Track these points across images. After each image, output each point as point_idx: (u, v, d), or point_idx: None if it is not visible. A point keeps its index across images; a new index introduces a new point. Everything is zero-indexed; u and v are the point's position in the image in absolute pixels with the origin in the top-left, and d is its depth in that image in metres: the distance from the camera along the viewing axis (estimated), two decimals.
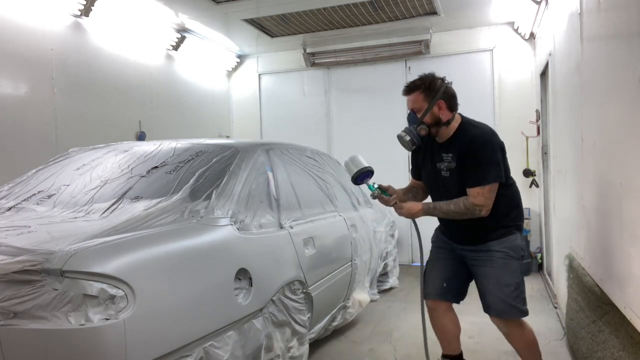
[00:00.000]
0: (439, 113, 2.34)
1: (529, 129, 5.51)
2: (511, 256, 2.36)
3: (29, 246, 1.72)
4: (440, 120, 2.35)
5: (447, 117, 2.36)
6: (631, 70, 1.79)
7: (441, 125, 2.36)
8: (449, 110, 2.37)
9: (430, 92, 2.35)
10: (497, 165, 2.26)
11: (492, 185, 2.25)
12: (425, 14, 5.53)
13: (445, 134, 2.39)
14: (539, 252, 5.68)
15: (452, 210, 2.30)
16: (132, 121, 5.26)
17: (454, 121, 2.39)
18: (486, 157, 2.25)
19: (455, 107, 2.40)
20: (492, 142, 2.29)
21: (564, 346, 3.40)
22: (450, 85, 2.40)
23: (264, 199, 2.73)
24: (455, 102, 2.40)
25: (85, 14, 4.50)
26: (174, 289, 1.89)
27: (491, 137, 2.31)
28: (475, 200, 2.24)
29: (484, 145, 2.26)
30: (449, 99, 2.37)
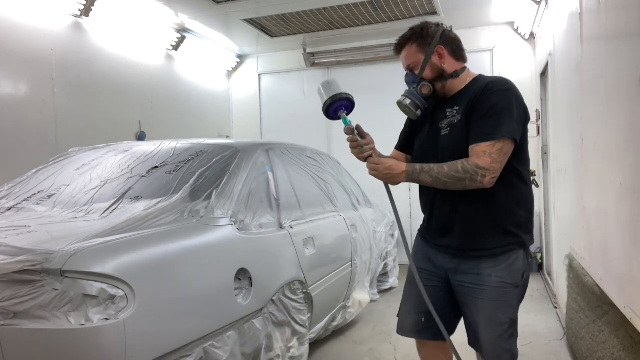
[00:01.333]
0: (440, 62, 1.84)
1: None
2: (509, 284, 1.77)
3: (29, 246, 1.72)
4: (444, 71, 1.84)
5: (453, 66, 1.85)
6: (631, 70, 1.80)
7: (447, 78, 1.85)
8: (454, 57, 1.87)
9: (424, 40, 1.83)
10: (515, 119, 1.69)
11: (505, 144, 1.66)
12: (425, 14, 5.53)
13: (454, 88, 1.87)
14: (539, 252, 5.68)
15: (446, 174, 1.67)
16: (132, 121, 5.26)
17: (465, 74, 1.88)
18: (502, 104, 1.69)
19: (461, 55, 1.89)
20: (516, 94, 1.75)
21: (564, 346, 3.40)
22: (450, 29, 1.88)
23: (264, 199, 2.73)
24: (460, 48, 1.89)
25: (85, 14, 4.50)
26: (174, 289, 1.89)
27: (515, 89, 1.77)
28: (479, 160, 1.63)
29: (505, 91, 1.72)
30: (451, 43, 1.86)
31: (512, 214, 1.79)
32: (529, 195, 1.86)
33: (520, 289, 1.83)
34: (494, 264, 1.77)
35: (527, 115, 1.79)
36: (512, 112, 1.69)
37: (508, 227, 1.78)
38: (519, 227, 1.81)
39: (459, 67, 1.87)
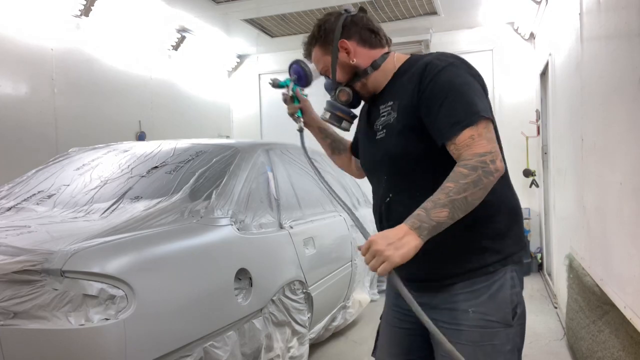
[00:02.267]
0: (349, 59, 1.44)
1: (529, 129, 5.51)
2: (495, 322, 1.28)
3: (29, 246, 1.72)
4: (358, 67, 1.44)
5: (369, 57, 1.44)
6: (631, 70, 1.80)
7: (365, 74, 1.45)
8: (367, 46, 1.44)
9: (326, 38, 1.46)
10: (479, 95, 1.28)
11: (486, 124, 1.24)
12: (425, 14, 5.53)
13: (380, 81, 1.46)
14: (539, 252, 5.68)
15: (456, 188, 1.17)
16: (132, 121, 5.26)
17: (389, 60, 1.46)
18: (459, 80, 1.28)
19: (377, 40, 1.46)
20: (466, 64, 1.34)
21: (564, 346, 3.39)
22: (355, 13, 1.46)
23: (264, 199, 2.73)
24: (372, 32, 1.45)
25: (85, 14, 4.50)
26: (174, 289, 1.89)
27: (462, 59, 1.35)
28: (474, 149, 1.20)
29: (453, 65, 1.30)
30: (359, 30, 1.44)
31: (486, 220, 1.31)
32: (507, 193, 1.38)
33: (516, 328, 1.31)
34: (472, 295, 1.29)
35: (486, 89, 1.36)
36: (474, 87, 1.29)
37: (483, 240, 1.31)
38: (499, 237, 1.32)
39: (378, 55, 1.45)
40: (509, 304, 1.30)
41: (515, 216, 1.38)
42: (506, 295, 1.30)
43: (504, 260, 1.32)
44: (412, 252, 1.15)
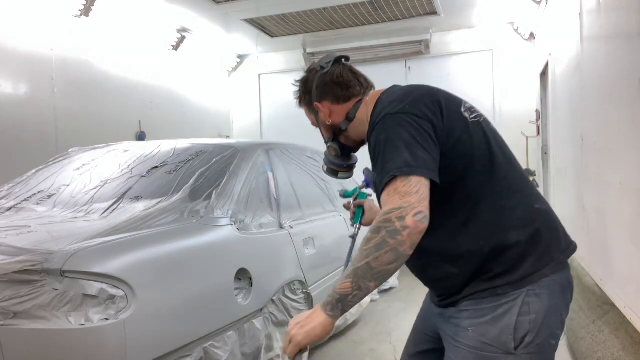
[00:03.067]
0: (328, 118, 1.48)
1: (529, 129, 5.51)
2: (493, 347, 1.20)
3: (29, 246, 1.72)
4: (335, 124, 1.48)
5: (342, 114, 1.46)
6: (631, 70, 1.79)
7: (343, 130, 1.48)
8: (340, 102, 1.46)
9: (306, 98, 1.54)
10: (404, 146, 1.15)
11: (408, 177, 1.12)
12: (425, 14, 5.53)
13: (361, 130, 1.43)
14: None
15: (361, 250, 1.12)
16: (132, 121, 5.26)
17: (362, 109, 1.43)
18: (382, 136, 1.21)
19: (347, 95, 1.45)
20: (396, 113, 1.22)
21: (564, 346, 3.40)
22: (327, 71, 1.46)
23: (264, 199, 2.73)
24: (343, 88, 1.45)
25: (85, 14, 4.50)
26: (174, 289, 1.89)
27: (396, 106, 1.24)
28: (386, 206, 1.13)
29: (380, 122, 1.24)
30: (330, 90, 1.45)
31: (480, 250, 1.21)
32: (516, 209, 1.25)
33: (520, 357, 1.19)
34: (475, 314, 1.22)
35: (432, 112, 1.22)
36: (398, 139, 1.17)
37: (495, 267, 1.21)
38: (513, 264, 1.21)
39: (350, 106, 1.45)
40: (512, 330, 1.19)
41: (536, 236, 1.24)
42: (511, 320, 1.18)
43: (518, 283, 1.20)
44: (318, 329, 1.14)
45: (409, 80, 6.45)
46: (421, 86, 1.35)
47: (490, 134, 1.33)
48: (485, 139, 1.30)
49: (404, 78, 6.48)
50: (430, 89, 1.34)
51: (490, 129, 1.36)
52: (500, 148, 1.33)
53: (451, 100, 1.32)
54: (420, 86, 1.35)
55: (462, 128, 1.26)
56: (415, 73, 6.44)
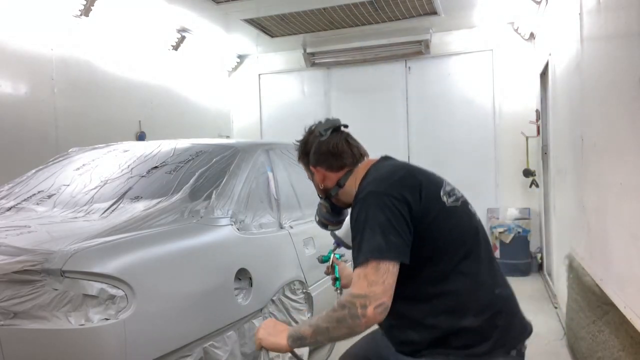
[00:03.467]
0: (320, 181, 1.63)
1: (529, 129, 5.51)
2: None
3: (29, 246, 1.72)
4: (327, 188, 1.63)
5: (334, 180, 1.61)
6: (631, 70, 1.79)
7: (333, 194, 1.63)
8: (333, 170, 1.59)
9: (304, 159, 1.67)
10: (379, 230, 1.30)
11: (379, 264, 1.27)
12: (425, 14, 5.53)
13: (349, 196, 1.57)
14: (539, 252, 5.68)
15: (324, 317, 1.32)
16: (132, 121, 5.26)
17: (351, 179, 1.58)
18: (362, 216, 1.35)
19: (340, 164, 1.59)
20: (378, 192, 1.36)
21: (564, 346, 3.40)
22: (322, 137, 1.59)
23: (264, 199, 2.73)
24: (337, 156, 1.58)
25: (85, 14, 4.50)
26: (174, 289, 1.89)
27: (379, 184, 1.40)
28: (354, 288, 1.29)
29: (362, 200, 1.38)
30: (325, 158, 1.59)
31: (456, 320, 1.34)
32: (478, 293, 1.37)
33: None
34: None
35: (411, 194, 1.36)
36: (375, 222, 1.31)
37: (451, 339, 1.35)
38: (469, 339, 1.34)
39: (341, 174, 1.59)
40: None
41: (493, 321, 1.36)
42: None
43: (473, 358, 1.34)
44: (275, 346, 1.40)
45: (409, 80, 6.45)
46: (405, 166, 1.53)
47: (465, 219, 1.45)
48: (460, 224, 1.42)
49: (404, 78, 6.48)
50: (413, 170, 1.50)
51: (466, 212, 1.47)
52: (474, 233, 1.44)
53: (432, 182, 1.46)
54: (405, 166, 1.53)
55: (437, 212, 1.39)
56: (415, 73, 6.44)
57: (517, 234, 5.56)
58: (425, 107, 6.38)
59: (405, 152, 6.45)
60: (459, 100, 6.20)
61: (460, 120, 6.18)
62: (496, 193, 6.06)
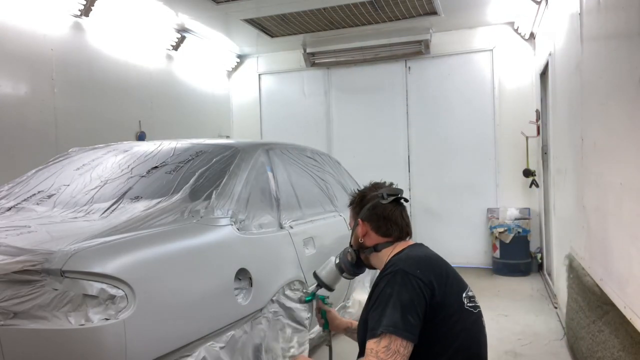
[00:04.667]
0: (360, 234, 1.73)
1: (529, 129, 5.51)
2: None
3: (29, 246, 1.72)
4: (364, 244, 1.73)
5: (375, 240, 1.71)
6: (631, 70, 1.79)
7: (366, 251, 1.74)
8: (378, 233, 1.71)
9: (357, 208, 1.78)
10: (401, 308, 1.38)
11: (391, 340, 1.35)
12: (425, 14, 5.53)
13: (376, 263, 1.73)
14: (539, 252, 5.68)
15: None
16: (132, 121, 5.26)
17: (387, 250, 1.68)
18: (388, 289, 1.43)
19: (388, 231, 1.69)
20: (407, 273, 1.45)
21: (564, 346, 3.40)
22: (383, 200, 1.70)
23: (264, 199, 2.73)
24: (387, 224, 1.69)
25: (85, 14, 4.50)
26: (174, 289, 1.89)
27: (411, 265, 1.48)
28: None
29: (393, 274, 1.46)
30: (377, 219, 1.70)
31: None
32: None
33: None
34: None
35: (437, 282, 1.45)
36: (398, 299, 1.39)
37: None
38: None
39: (383, 241, 1.70)
40: None
41: None
42: None
43: None
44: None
45: (409, 80, 6.45)
46: (439, 258, 1.61)
47: (475, 329, 1.51)
48: (471, 330, 1.49)
49: (404, 78, 6.48)
50: (445, 264, 1.59)
51: (478, 323, 1.54)
52: (478, 345, 1.51)
53: (458, 280, 1.56)
54: (438, 257, 1.61)
55: (454, 309, 1.47)
56: (415, 73, 6.44)
57: (517, 234, 5.56)
58: (425, 107, 6.39)
59: (405, 152, 6.45)
60: (459, 100, 6.20)
61: (460, 120, 6.18)
62: (496, 193, 6.07)
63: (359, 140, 6.59)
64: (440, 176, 6.30)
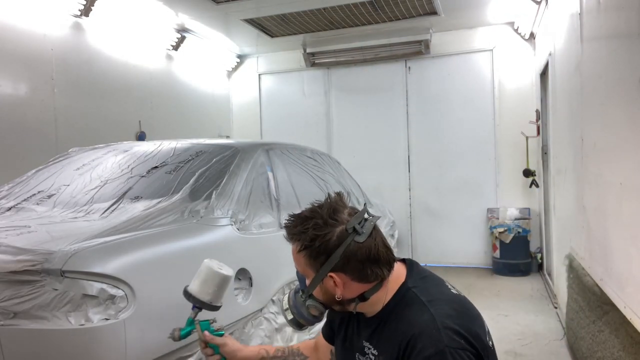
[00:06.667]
0: (334, 290, 1.27)
1: (529, 129, 5.51)
2: None
3: (29, 246, 1.72)
4: (342, 299, 1.27)
5: (357, 290, 1.26)
6: (631, 70, 1.79)
7: (347, 304, 1.29)
8: (361, 281, 1.25)
9: (319, 257, 1.26)
10: None
11: None
12: (425, 14, 5.53)
13: (368, 310, 1.31)
14: (539, 252, 5.68)
15: None
16: (132, 121, 5.26)
17: (380, 293, 1.27)
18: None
19: (373, 275, 1.24)
20: (453, 349, 1.11)
21: (564, 346, 3.40)
22: (360, 237, 1.21)
23: (264, 199, 2.73)
24: (372, 269, 1.23)
25: (85, 14, 4.50)
26: (174, 289, 1.88)
27: (453, 343, 1.12)
28: None
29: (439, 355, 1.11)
30: (360, 265, 1.23)
31: None
32: None
33: None
34: None
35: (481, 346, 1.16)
36: None
37: None
38: None
39: (369, 287, 1.26)
40: None
41: None
42: None
43: None
44: None
45: (409, 80, 6.45)
46: (460, 299, 1.25)
47: None
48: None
49: (404, 78, 6.48)
50: (466, 302, 1.25)
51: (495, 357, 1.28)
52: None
53: (481, 321, 1.24)
54: (459, 299, 1.25)
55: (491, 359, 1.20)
56: (415, 73, 6.44)
57: (517, 234, 5.56)
58: (425, 107, 6.39)
59: (405, 152, 6.45)
60: (459, 100, 6.20)
61: (460, 120, 6.18)
62: (496, 193, 6.07)
63: (359, 140, 6.59)
64: (440, 176, 6.30)
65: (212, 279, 1.43)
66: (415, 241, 6.42)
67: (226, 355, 1.45)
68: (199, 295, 1.42)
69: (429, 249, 6.35)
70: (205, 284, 1.42)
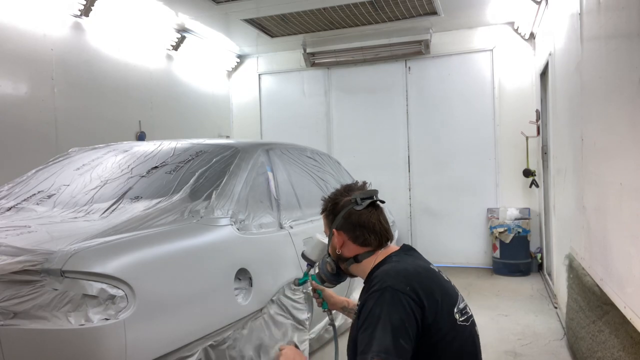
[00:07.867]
0: (337, 245, 1.62)
1: (529, 129, 5.51)
2: None
3: (29, 246, 1.72)
4: (342, 255, 1.62)
5: (352, 251, 1.60)
6: (631, 70, 1.79)
7: (346, 262, 1.62)
8: (356, 243, 1.59)
9: (330, 216, 1.66)
10: (391, 330, 1.28)
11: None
12: (425, 14, 5.53)
13: (360, 272, 1.61)
14: (539, 252, 5.68)
15: None
16: (132, 121, 5.26)
17: (369, 259, 1.57)
18: (377, 310, 1.32)
19: (367, 240, 1.57)
20: (396, 290, 1.33)
21: (564, 346, 3.40)
22: (358, 206, 1.58)
23: (264, 199, 2.73)
24: (366, 232, 1.57)
25: (85, 14, 4.50)
26: (174, 289, 1.89)
27: (399, 281, 1.36)
28: None
29: (381, 292, 1.35)
30: (353, 228, 1.58)
31: None
32: None
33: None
34: None
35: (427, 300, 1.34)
36: (388, 320, 1.29)
37: None
38: None
39: (362, 251, 1.58)
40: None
41: None
42: None
43: None
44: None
45: (409, 80, 6.45)
46: (428, 270, 1.47)
47: (470, 341, 1.45)
48: (464, 346, 1.42)
49: (404, 78, 6.48)
50: (434, 274, 1.47)
51: (472, 334, 1.46)
52: (477, 354, 1.47)
53: (449, 295, 1.44)
54: (428, 270, 1.47)
55: (447, 330, 1.38)
56: (415, 73, 6.44)
57: (517, 234, 5.56)
58: (426, 107, 6.39)
59: (405, 152, 6.45)
60: (459, 100, 6.20)
61: (460, 120, 6.18)
62: (496, 193, 6.07)
63: (359, 140, 6.59)
64: (440, 176, 6.30)
65: (318, 246, 1.90)
66: (415, 241, 6.42)
67: (325, 299, 1.90)
68: (310, 256, 1.90)
69: (429, 248, 6.34)
70: (315, 249, 1.91)
